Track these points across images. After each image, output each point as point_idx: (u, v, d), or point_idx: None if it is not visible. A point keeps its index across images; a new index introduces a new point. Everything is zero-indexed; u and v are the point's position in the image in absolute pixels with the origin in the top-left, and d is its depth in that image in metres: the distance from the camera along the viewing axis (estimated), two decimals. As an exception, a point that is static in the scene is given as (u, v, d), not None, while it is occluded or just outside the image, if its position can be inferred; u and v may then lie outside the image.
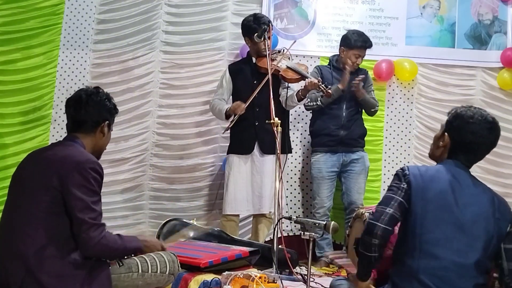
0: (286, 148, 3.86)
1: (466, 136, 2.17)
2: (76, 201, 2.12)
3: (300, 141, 4.72)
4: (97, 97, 2.37)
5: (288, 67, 3.87)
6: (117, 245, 2.21)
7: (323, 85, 3.81)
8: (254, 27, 3.84)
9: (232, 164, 3.90)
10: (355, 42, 4.09)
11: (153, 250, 2.40)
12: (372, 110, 4.22)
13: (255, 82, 3.84)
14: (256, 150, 3.86)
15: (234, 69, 4.04)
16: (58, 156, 2.22)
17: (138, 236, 2.40)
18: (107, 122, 2.40)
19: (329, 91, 3.84)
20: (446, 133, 2.22)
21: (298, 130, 4.72)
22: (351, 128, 4.15)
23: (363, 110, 4.25)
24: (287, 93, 3.86)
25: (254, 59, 3.96)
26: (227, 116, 3.90)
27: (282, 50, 3.97)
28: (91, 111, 2.34)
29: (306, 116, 4.70)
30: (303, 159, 4.70)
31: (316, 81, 3.80)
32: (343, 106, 4.14)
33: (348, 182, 4.17)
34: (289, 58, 3.97)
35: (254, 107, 3.82)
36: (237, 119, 3.80)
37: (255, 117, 3.84)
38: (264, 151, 3.85)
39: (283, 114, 3.83)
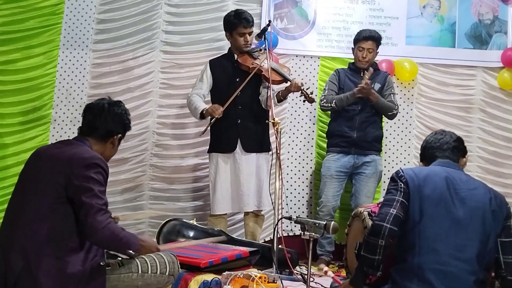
0: (269, 147, 3.91)
1: (428, 143, 2.42)
2: (83, 189, 2.15)
3: (308, 142, 4.72)
4: (118, 109, 2.44)
5: (272, 68, 3.81)
6: (121, 234, 2.21)
7: (306, 90, 3.80)
8: (234, 22, 3.84)
9: (215, 163, 3.88)
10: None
11: (148, 251, 2.39)
12: (390, 113, 4.20)
13: (237, 80, 3.80)
14: (238, 149, 3.83)
15: (216, 65, 3.98)
16: (66, 154, 2.25)
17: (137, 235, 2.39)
18: (120, 135, 2.45)
19: (312, 96, 3.82)
20: (421, 162, 2.45)
21: (306, 130, 4.72)
22: (366, 131, 4.13)
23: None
24: (267, 92, 3.78)
25: (235, 56, 3.93)
26: (201, 116, 3.85)
27: (264, 49, 3.87)
28: (109, 120, 2.40)
29: (314, 117, 4.72)
30: (311, 160, 4.71)
31: (300, 84, 3.78)
32: (358, 108, 4.13)
33: (358, 185, 4.16)
34: (271, 58, 3.93)
35: (236, 105, 3.80)
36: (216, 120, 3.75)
37: (237, 115, 3.83)
38: (246, 149, 3.83)
39: (264, 113, 3.84)
